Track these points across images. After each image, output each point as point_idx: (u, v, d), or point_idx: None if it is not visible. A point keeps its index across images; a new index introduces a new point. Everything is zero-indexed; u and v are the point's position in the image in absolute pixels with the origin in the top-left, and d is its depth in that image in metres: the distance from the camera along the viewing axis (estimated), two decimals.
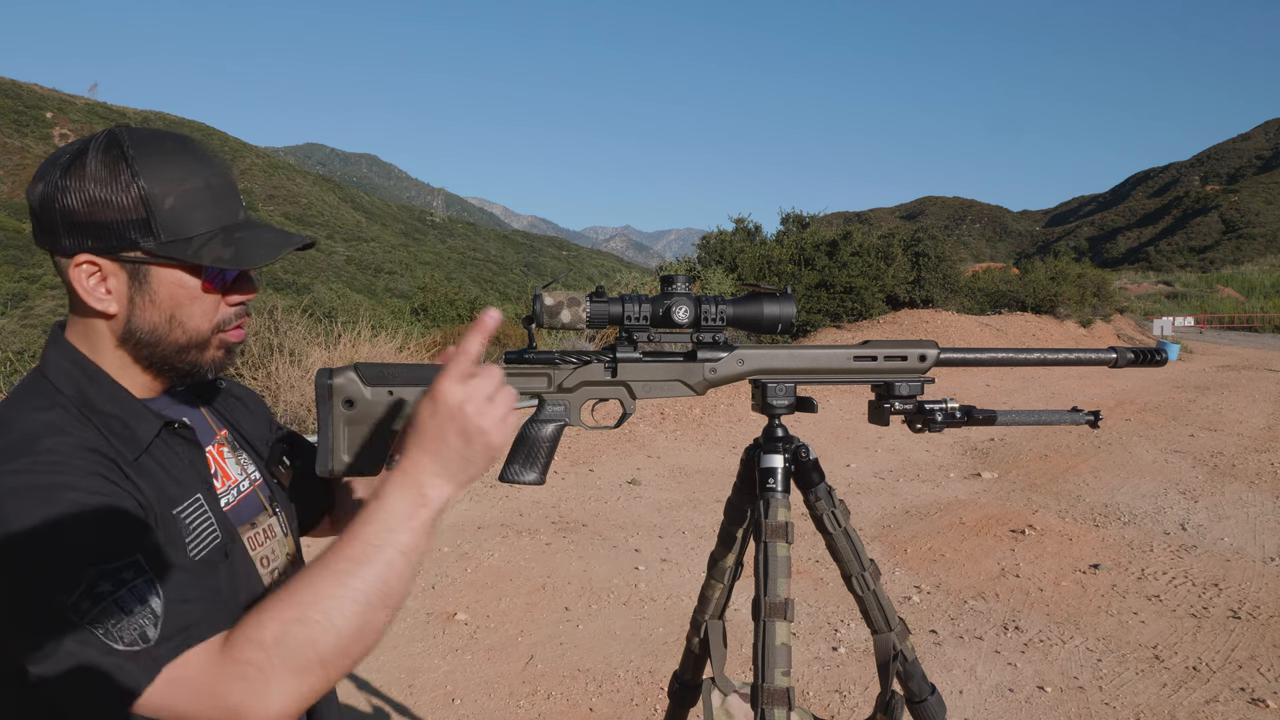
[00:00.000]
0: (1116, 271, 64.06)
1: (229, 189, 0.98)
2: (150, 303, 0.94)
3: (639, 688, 3.31)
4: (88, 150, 0.91)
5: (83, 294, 0.93)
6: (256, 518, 1.09)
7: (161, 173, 0.91)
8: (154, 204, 0.90)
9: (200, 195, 0.94)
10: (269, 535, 1.10)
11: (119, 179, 0.90)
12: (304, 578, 0.84)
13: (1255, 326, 36.95)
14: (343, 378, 1.09)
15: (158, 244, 0.92)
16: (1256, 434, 8.90)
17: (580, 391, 1.20)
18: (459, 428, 0.88)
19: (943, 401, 1.26)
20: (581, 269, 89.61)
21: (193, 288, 0.96)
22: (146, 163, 0.91)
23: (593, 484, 6.52)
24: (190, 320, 0.97)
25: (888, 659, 1.35)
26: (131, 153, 0.90)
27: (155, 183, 0.91)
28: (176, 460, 0.98)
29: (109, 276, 0.93)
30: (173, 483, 0.95)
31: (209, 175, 0.96)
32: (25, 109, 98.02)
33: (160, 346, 0.97)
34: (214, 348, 1.00)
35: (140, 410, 0.96)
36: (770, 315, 1.20)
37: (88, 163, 0.90)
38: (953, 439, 8.29)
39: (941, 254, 19.65)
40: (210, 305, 0.98)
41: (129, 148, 0.91)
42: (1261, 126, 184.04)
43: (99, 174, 0.89)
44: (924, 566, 4.76)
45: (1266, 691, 3.27)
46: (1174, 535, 5.33)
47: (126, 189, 0.90)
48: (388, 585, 0.84)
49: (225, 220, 0.97)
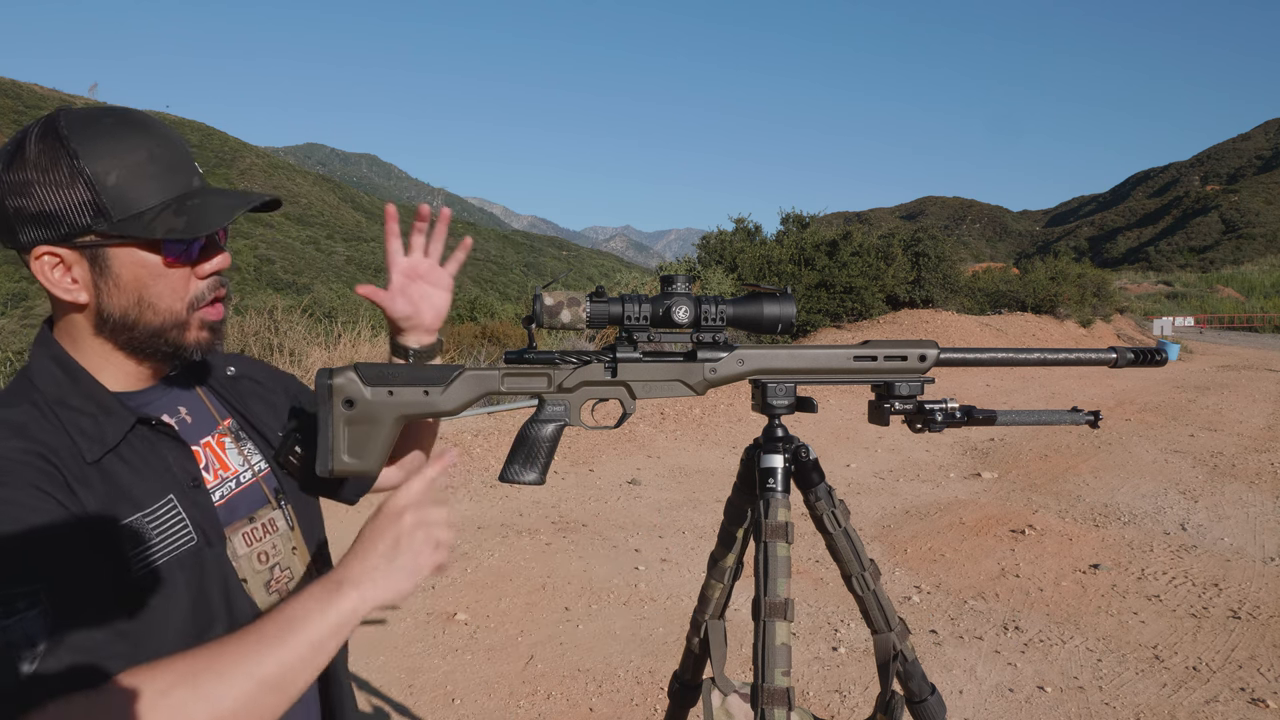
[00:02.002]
0: (1116, 271, 64.06)
1: (179, 157, 0.94)
2: (115, 286, 0.91)
3: (639, 688, 3.31)
4: (26, 140, 0.88)
5: (49, 286, 0.91)
6: (256, 511, 1.06)
7: (101, 149, 0.88)
8: (98, 183, 0.87)
9: (145, 167, 0.90)
10: (269, 530, 1.07)
11: (59, 164, 0.86)
12: (221, 642, 0.82)
13: (1255, 326, 36.95)
14: (343, 378, 1.09)
15: (109, 224, 0.88)
16: (1256, 434, 8.90)
17: (580, 391, 1.20)
18: (392, 536, 0.89)
19: (943, 401, 1.26)
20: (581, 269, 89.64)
21: (154, 265, 0.92)
22: (85, 143, 0.87)
23: (593, 484, 6.52)
24: (160, 300, 0.93)
25: (888, 659, 1.35)
26: (67, 134, 0.87)
27: (96, 161, 0.87)
28: (152, 458, 0.95)
29: (72, 266, 0.90)
30: (140, 484, 0.92)
31: (152, 146, 0.92)
32: (25, 109, 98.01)
33: (136, 331, 0.94)
34: (195, 327, 0.97)
35: (114, 408, 0.93)
36: (770, 315, 1.20)
37: (28, 153, 0.87)
38: (953, 439, 8.29)
39: (941, 254, 19.65)
40: (179, 281, 0.94)
41: (64, 129, 0.87)
42: (1261, 126, 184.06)
43: (39, 161, 0.87)
44: (924, 566, 4.76)
45: (1266, 691, 3.27)
46: (1174, 535, 5.33)
47: (69, 173, 0.86)
48: (287, 672, 0.81)
49: (178, 189, 0.93)
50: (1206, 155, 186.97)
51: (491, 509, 5.73)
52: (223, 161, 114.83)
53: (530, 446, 1.19)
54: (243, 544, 1.03)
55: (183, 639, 0.89)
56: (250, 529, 1.04)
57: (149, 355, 0.97)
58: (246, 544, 1.03)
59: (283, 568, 1.07)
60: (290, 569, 1.08)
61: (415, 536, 0.90)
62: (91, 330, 0.94)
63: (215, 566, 0.97)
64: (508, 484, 1.25)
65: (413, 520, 0.90)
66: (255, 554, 1.04)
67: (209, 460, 1.04)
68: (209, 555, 0.96)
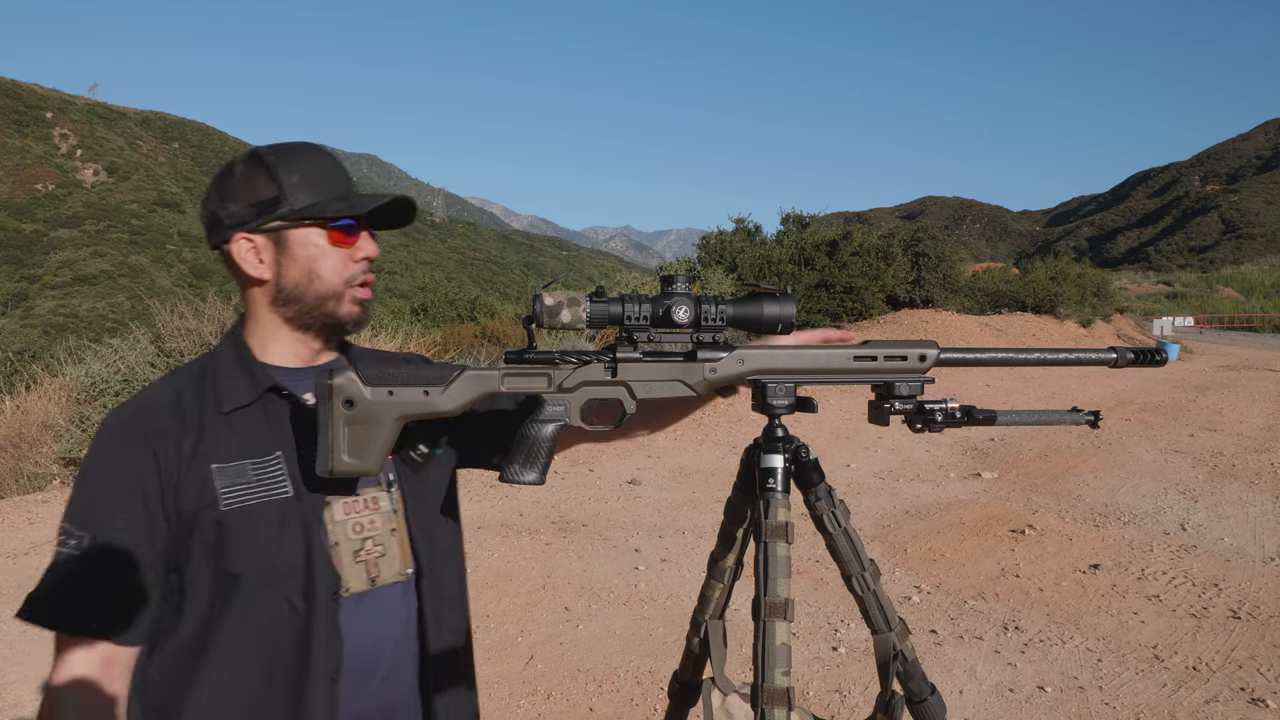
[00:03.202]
0: (1116, 271, 64.05)
1: (342, 172, 1.21)
2: (291, 261, 1.16)
3: (639, 688, 3.31)
4: (234, 163, 1.18)
5: (243, 265, 1.16)
6: (366, 488, 1.20)
7: (288, 160, 1.16)
8: (284, 183, 1.14)
9: (319, 173, 1.17)
10: (370, 506, 1.20)
11: (258, 174, 1.15)
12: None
13: (1255, 326, 36.95)
14: (343, 378, 1.09)
15: (290, 210, 1.14)
16: (1256, 434, 8.90)
17: (580, 391, 1.20)
18: None
19: (943, 401, 1.26)
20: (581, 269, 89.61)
21: (322, 244, 1.16)
22: (276, 158, 1.16)
23: (593, 484, 6.52)
24: (324, 273, 1.17)
25: (888, 659, 1.35)
26: (264, 154, 1.16)
27: (283, 169, 1.15)
28: (277, 420, 1.15)
29: (260, 249, 1.16)
30: (259, 437, 1.13)
31: (324, 161, 1.20)
32: (25, 109, 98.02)
33: (303, 301, 1.17)
34: (348, 301, 1.19)
35: (259, 377, 1.16)
36: (770, 315, 1.20)
37: (235, 171, 1.17)
38: (953, 439, 8.29)
39: (941, 254, 19.64)
40: (340, 260, 1.18)
41: (263, 152, 1.17)
42: (1261, 126, 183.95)
43: (241, 172, 1.16)
44: (924, 566, 4.76)
45: (1266, 691, 3.27)
46: (1174, 535, 5.33)
47: (263, 177, 1.14)
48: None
49: (341, 191, 1.19)
50: (1206, 155, 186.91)
51: (491, 509, 5.73)
52: (223, 161, 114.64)
53: (530, 446, 1.18)
54: (341, 511, 1.17)
55: (263, 567, 1.09)
56: (351, 500, 1.18)
57: (310, 327, 1.19)
58: (344, 513, 1.17)
59: (376, 543, 1.19)
60: (384, 546, 1.20)
61: None
62: (268, 304, 1.18)
63: (300, 520, 1.12)
64: (508, 484, 1.25)
65: None
66: (351, 524, 1.17)
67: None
68: (297, 509, 1.12)
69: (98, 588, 1.05)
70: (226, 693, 1.08)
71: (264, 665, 1.09)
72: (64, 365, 8.32)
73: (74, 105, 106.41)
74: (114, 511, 1.06)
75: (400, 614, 1.20)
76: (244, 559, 1.08)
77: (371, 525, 1.19)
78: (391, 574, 1.20)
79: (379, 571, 1.18)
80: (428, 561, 1.23)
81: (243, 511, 1.09)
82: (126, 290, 64.54)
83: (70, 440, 6.94)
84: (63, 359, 8.56)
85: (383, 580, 1.18)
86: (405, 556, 1.22)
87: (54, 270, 72.75)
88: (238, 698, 1.09)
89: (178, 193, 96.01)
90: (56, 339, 14.02)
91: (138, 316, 10.63)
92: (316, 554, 1.11)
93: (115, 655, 1.06)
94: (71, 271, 72.39)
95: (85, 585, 1.05)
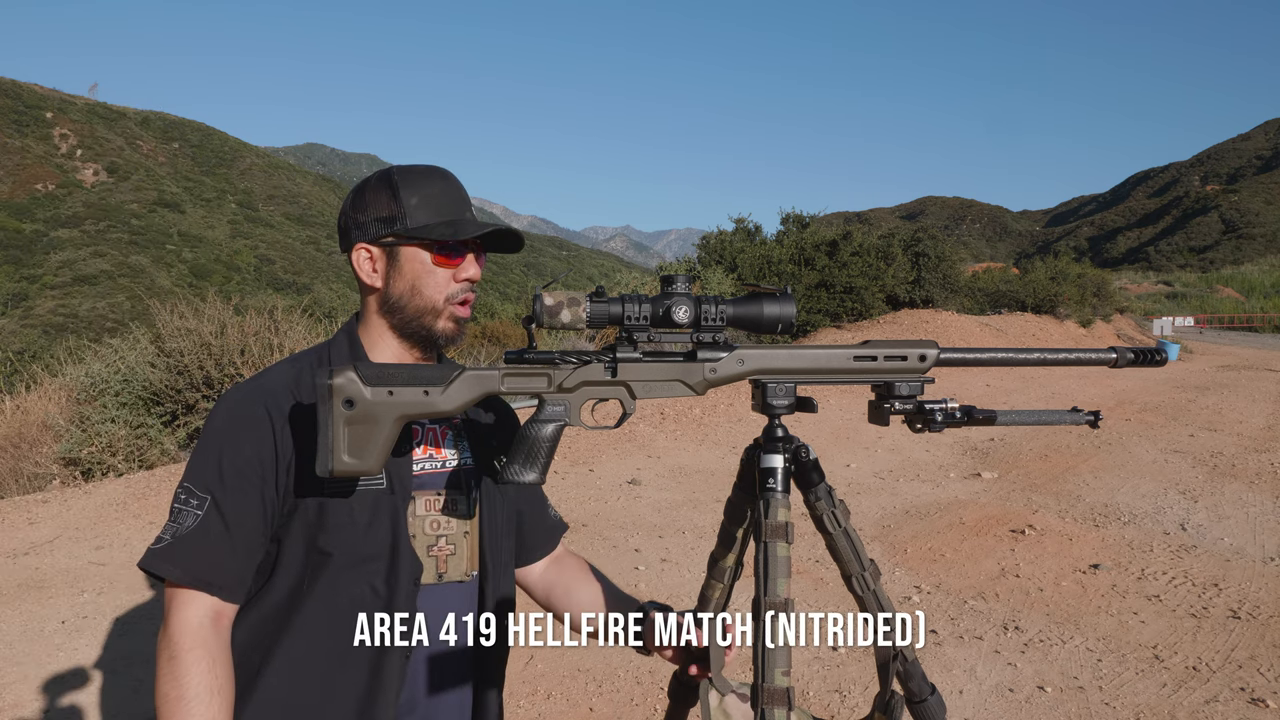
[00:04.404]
0: (1116, 271, 64.04)
1: (461, 198, 1.30)
2: (399, 274, 1.26)
3: (639, 688, 3.31)
4: (369, 181, 1.29)
5: (360, 273, 1.28)
6: (444, 489, 1.30)
7: (412, 184, 1.26)
8: (404, 204, 1.24)
9: (437, 199, 1.27)
10: (450, 508, 1.30)
11: (384, 191, 1.26)
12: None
13: (1255, 326, 36.94)
14: (343, 378, 1.09)
15: (404, 229, 1.24)
16: (1256, 434, 8.90)
17: (580, 391, 1.20)
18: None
19: (943, 401, 1.26)
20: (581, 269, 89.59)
21: (427, 262, 1.26)
22: (403, 180, 1.26)
23: (593, 484, 6.52)
24: (426, 289, 1.26)
25: (888, 659, 1.35)
26: (394, 175, 1.27)
27: (406, 189, 1.25)
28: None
29: (376, 260, 1.27)
30: None
31: (444, 187, 1.28)
32: (25, 109, 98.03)
33: (405, 312, 1.26)
34: (445, 318, 1.28)
35: None
36: (770, 315, 1.20)
37: (367, 188, 1.28)
38: (953, 439, 8.29)
39: (941, 254, 19.63)
40: (442, 279, 1.26)
41: (393, 173, 1.27)
42: (1261, 126, 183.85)
43: (372, 189, 1.27)
44: (924, 566, 4.76)
45: (1266, 691, 3.27)
46: (1174, 535, 5.33)
47: (387, 195, 1.25)
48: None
49: (454, 215, 1.28)
50: (1206, 155, 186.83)
51: None
52: (223, 161, 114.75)
53: (530, 446, 1.19)
54: (423, 507, 1.27)
55: (352, 550, 1.19)
56: (433, 498, 1.28)
57: (409, 336, 1.29)
58: (425, 509, 1.27)
59: (449, 542, 1.29)
60: (455, 546, 1.29)
61: None
62: (377, 309, 1.29)
63: (391, 511, 1.22)
64: (507, 484, 1.24)
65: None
66: (429, 520, 1.27)
67: (426, 438, 1.31)
68: (389, 500, 1.22)
69: (213, 547, 1.14)
70: (305, 661, 1.18)
71: (343, 641, 1.18)
72: (64, 365, 8.33)
73: (74, 105, 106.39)
74: (233, 479, 1.15)
75: (458, 611, 1.30)
76: (337, 539, 1.18)
77: (448, 524, 1.29)
78: (458, 573, 1.30)
79: (447, 569, 1.29)
80: (492, 568, 1.34)
81: (344, 496, 1.19)
82: (126, 290, 64.52)
83: (70, 440, 6.92)
84: (63, 359, 8.57)
85: (449, 578, 1.29)
86: (473, 559, 1.32)
87: (54, 270, 72.75)
88: (316, 668, 1.19)
89: (178, 193, 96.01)
90: (56, 339, 14.03)
91: (137, 316, 10.65)
92: (401, 543, 1.22)
93: (223, 610, 1.15)
94: (71, 271, 72.40)
95: (202, 543, 1.14)
